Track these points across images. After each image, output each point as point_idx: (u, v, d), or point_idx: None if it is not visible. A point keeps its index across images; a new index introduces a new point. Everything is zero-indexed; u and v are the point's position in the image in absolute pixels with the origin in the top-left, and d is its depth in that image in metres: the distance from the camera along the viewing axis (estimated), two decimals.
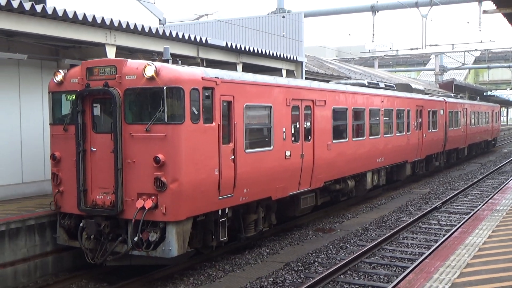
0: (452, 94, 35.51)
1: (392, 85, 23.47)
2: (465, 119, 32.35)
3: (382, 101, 19.62)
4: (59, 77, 10.84)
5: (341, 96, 16.58)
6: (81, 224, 10.45)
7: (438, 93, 37.52)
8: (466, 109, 32.78)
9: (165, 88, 9.67)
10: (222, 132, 10.77)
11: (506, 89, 78.56)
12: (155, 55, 11.30)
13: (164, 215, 9.57)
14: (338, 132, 16.25)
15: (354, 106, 17.25)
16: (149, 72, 9.64)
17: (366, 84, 20.23)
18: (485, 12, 16.76)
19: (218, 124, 10.63)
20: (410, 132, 22.34)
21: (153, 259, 10.01)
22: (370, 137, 18.54)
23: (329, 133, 15.49)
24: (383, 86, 21.50)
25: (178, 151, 9.73)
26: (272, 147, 12.65)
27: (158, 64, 10.00)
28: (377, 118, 19.30)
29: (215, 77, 10.69)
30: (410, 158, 22.82)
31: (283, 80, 13.43)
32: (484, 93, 64.32)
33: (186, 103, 9.75)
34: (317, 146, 14.66)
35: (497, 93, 75.52)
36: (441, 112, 26.98)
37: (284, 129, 13.04)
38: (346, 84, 19.27)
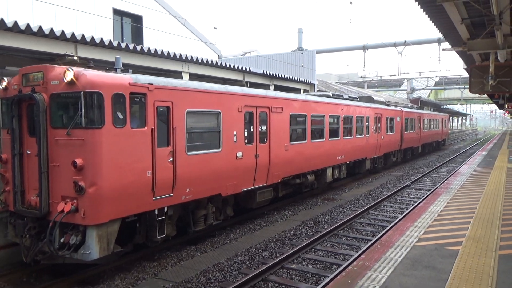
0: (410, 105, 33.23)
1: (356, 97, 20.38)
2: (419, 124, 29.76)
3: (342, 109, 16.53)
4: (3, 84, 8.32)
5: (300, 104, 13.49)
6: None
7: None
8: (420, 116, 30.24)
9: (82, 92, 7.11)
10: (157, 136, 8.12)
11: (456, 104, 77.09)
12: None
13: (83, 218, 7.11)
14: (296, 135, 13.43)
15: (313, 113, 14.25)
16: (68, 77, 7.15)
17: (331, 95, 17.28)
18: (443, 50, 16.27)
19: (152, 129, 8.00)
20: (369, 135, 19.49)
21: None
22: (330, 139, 15.43)
23: (287, 135, 12.58)
24: (347, 97, 18.63)
25: (97, 156, 7.14)
26: (221, 149, 9.87)
27: (77, 69, 7.33)
28: (337, 123, 16.21)
29: (148, 83, 8.00)
30: (369, 155, 19.96)
31: (235, 88, 10.62)
32: (442, 107, 62.97)
33: (106, 108, 7.22)
34: (274, 147, 11.87)
35: (450, 106, 74.02)
36: (398, 119, 24.40)
37: (235, 133, 10.32)
38: (314, 95, 16.75)
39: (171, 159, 8.46)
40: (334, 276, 7.59)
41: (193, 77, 14.32)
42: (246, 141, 10.81)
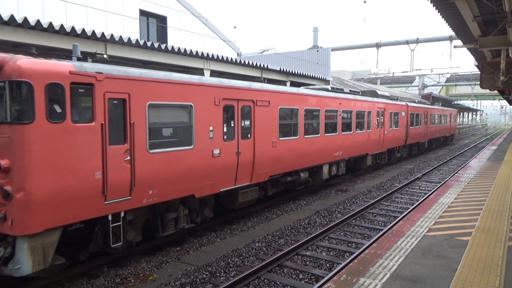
0: (416, 100, 31.16)
1: (357, 90, 18.37)
2: (426, 119, 27.33)
3: (340, 103, 14.63)
4: None
5: (290, 98, 11.73)
6: None
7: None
8: (427, 111, 27.65)
9: (7, 82, 5.72)
10: (109, 132, 6.70)
11: (467, 99, 75.32)
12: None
13: (11, 228, 5.75)
14: (287, 130, 11.68)
15: (306, 107, 12.47)
16: None
17: (329, 88, 15.20)
18: (455, 47, 15.91)
19: (102, 124, 6.57)
20: (370, 130, 17.41)
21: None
22: (326, 134, 13.66)
23: (275, 131, 10.97)
24: (347, 91, 16.82)
25: (25, 155, 5.71)
26: (193, 146, 8.30)
27: (4, 55, 5.91)
28: (335, 118, 14.32)
29: (96, 72, 6.53)
30: (371, 151, 17.91)
31: (211, 80, 8.91)
32: (452, 102, 61.64)
33: (38, 100, 5.75)
34: (259, 144, 10.34)
35: (461, 102, 72.39)
36: (403, 113, 22.27)
37: (211, 128, 8.78)
38: (312, 88, 14.52)
39: (128, 158, 7.03)
40: (347, 263, 7.55)
41: (214, 73, 14.36)
42: (225, 137, 9.26)
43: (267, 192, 11.59)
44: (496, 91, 30.74)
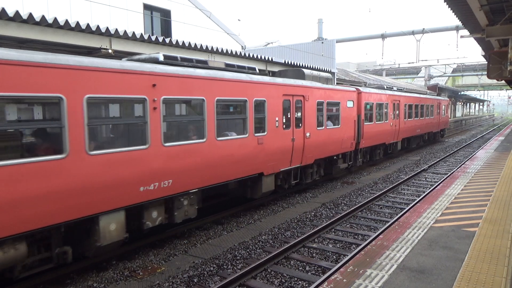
0: (385, 86, 21.38)
1: (243, 65, 10.32)
2: (396, 111, 20.33)
3: (155, 85, 7.32)
4: None
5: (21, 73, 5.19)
6: None
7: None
8: (398, 101, 20.49)
9: None
10: None
11: (474, 90, 74.67)
12: None
13: None
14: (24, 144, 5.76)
15: (89, 94, 6.16)
16: None
17: (161, 58, 8.21)
18: (462, 36, 15.73)
19: None
20: (266, 133, 10.30)
21: None
22: (98, 151, 6.34)
23: None
24: (222, 66, 9.75)
25: None
26: None
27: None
28: (141, 116, 7.25)
29: None
30: (271, 168, 10.72)
31: None
32: (459, 93, 61.10)
33: None
34: None
35: (468, 93, 71.76)
36: (350, 104, 15.27)
37: None
38: (134, 60, 8.23)
39: None
40: (354, 254, 7.57)
41: None
42: None
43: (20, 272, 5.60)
44: (503, 81, 30.43)
